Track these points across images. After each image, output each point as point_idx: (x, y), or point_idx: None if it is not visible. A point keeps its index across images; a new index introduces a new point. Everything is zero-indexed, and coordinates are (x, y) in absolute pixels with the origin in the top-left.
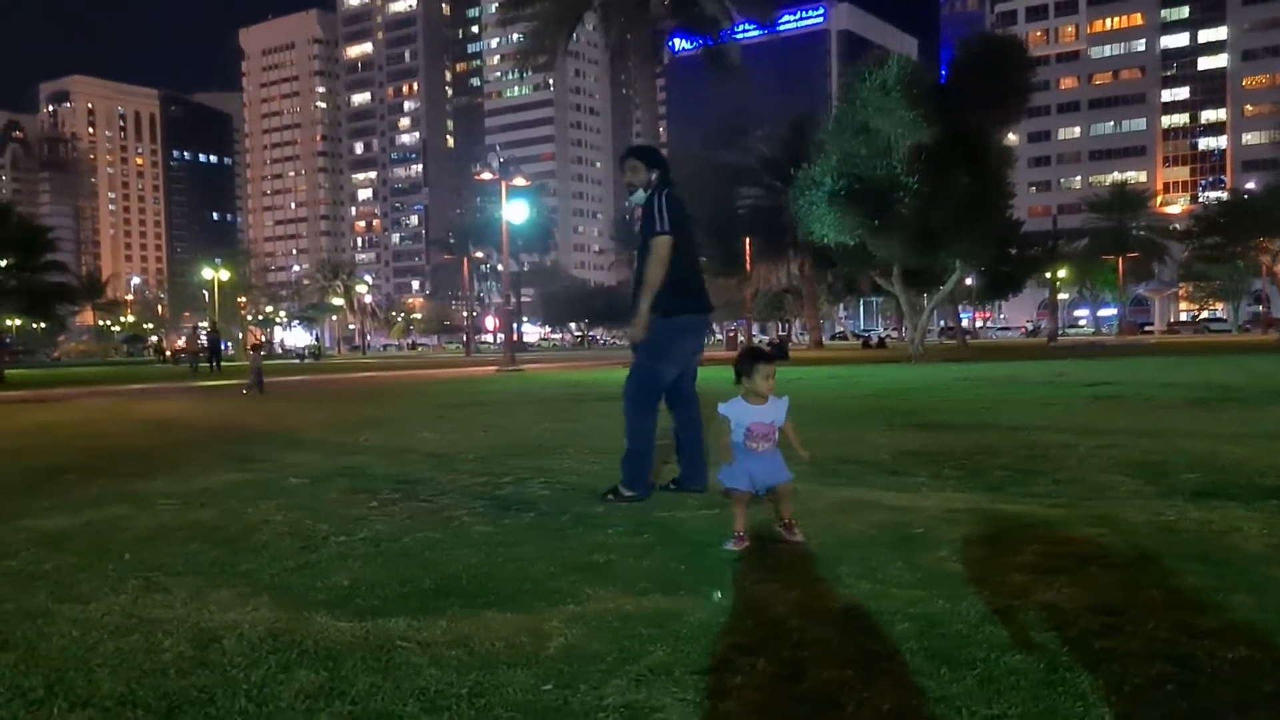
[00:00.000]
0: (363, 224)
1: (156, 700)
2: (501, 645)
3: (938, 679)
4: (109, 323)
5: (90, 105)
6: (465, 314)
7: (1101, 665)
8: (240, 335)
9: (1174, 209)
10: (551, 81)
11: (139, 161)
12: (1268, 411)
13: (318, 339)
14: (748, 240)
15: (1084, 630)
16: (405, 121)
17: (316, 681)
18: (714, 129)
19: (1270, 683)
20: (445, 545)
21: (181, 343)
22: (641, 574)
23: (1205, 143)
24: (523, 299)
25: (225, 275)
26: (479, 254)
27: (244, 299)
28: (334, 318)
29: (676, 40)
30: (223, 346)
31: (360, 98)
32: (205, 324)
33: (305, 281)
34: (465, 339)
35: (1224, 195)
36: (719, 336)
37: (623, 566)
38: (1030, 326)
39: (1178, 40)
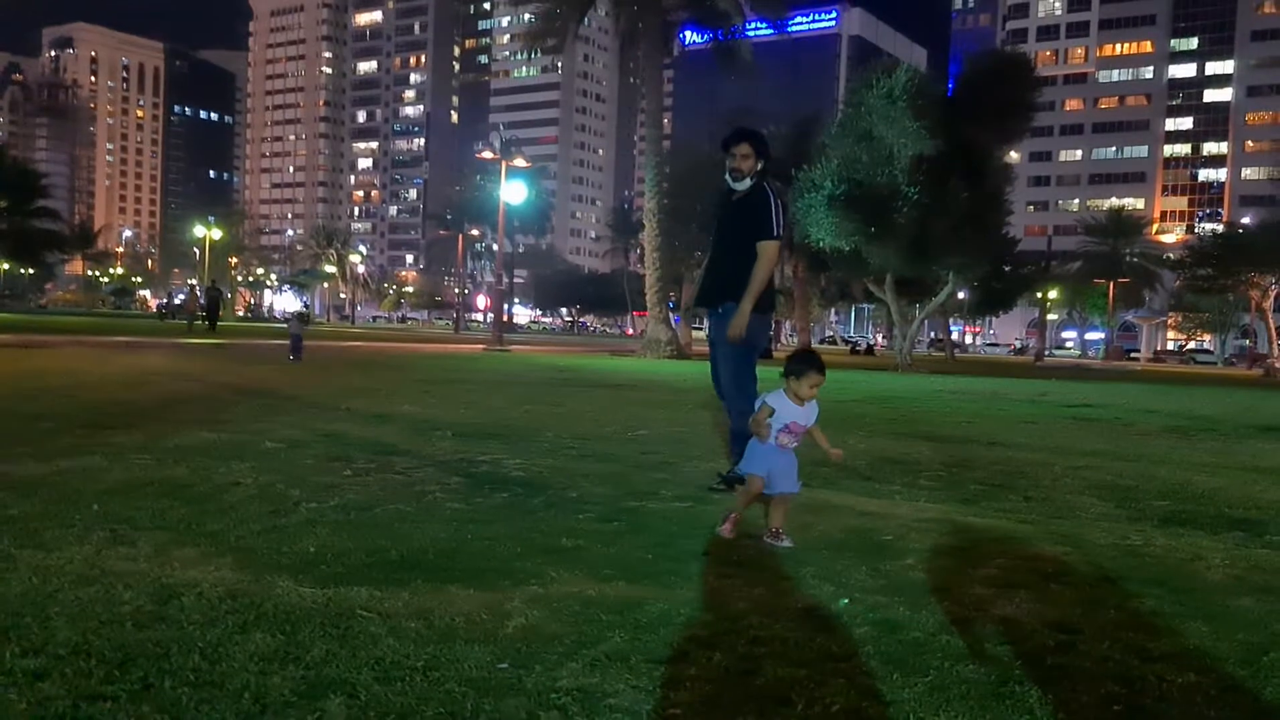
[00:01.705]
0: (361, 193)
1: (111, 651)
2: (461, 621)
3: (890, 683)
4: (98, 274)
5: (94, 54)
6: (457, 291)
7: (1052, 682)
8: (227, 296)
9: (1169, 238)
10: (560, 65)
11: (139, 114)
12: (1244, 444)
13: (307, 305)
14: None
15: (1039, 646)
16: (410, 94)
17: (272, 644)
18: (719, 124)
19: (1216, 710)
20: (415, 519)
21: (180, 299)
22: (608, 560)
23: (1205, 174)
24: (515, 280)
25: (218, 234)
26: (475, 232)
27: (235, 259)
28: (325, 285)
29: (688, 33)
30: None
31: (366, 66)
32: (195, 282)
33: (299, 247)
34: (455, 316)
35: (1220, 228)
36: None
37: (590, 552)
38: (1018, 344)
39: (1185, 70)
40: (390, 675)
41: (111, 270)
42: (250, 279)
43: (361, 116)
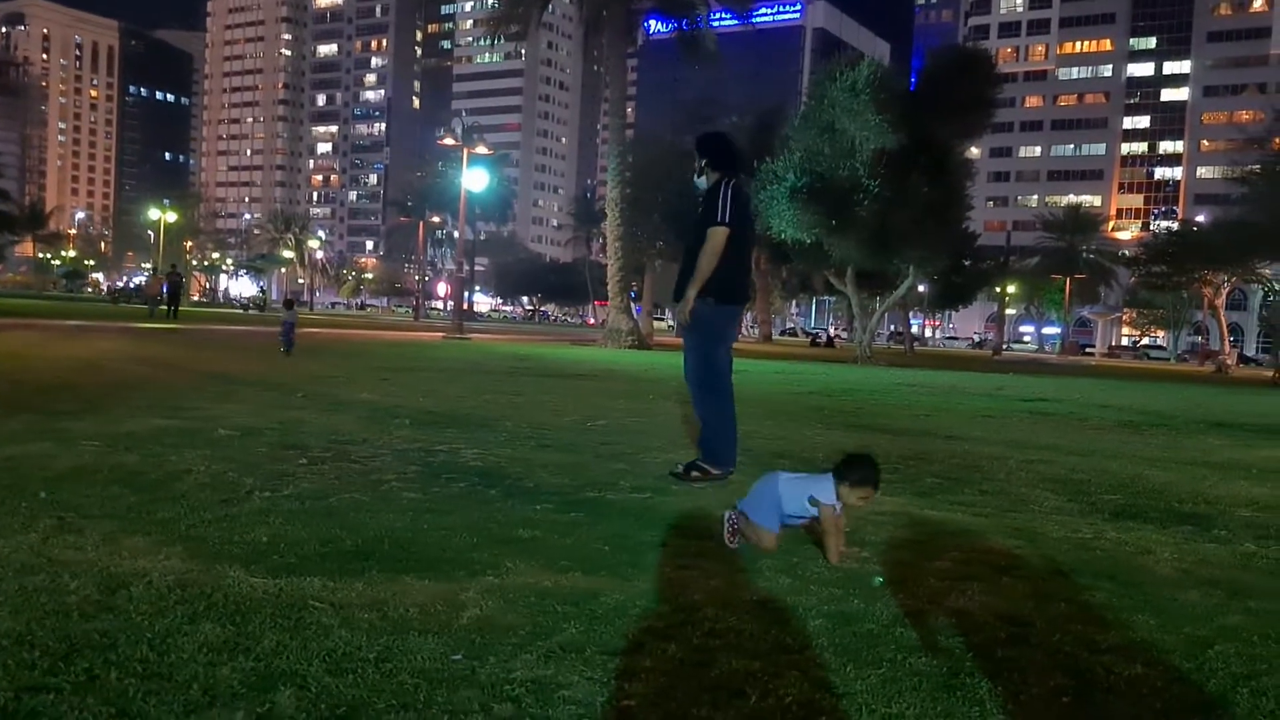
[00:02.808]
0: (320, 178)
1: (56, 642)
2: (416, 612)
3: (843, 675)
4: (49, 256)
5: (46, 31)
6: (417, 278)
7: (1003, 673)
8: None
9: (1125, 235)
10: (523, 52)
11: (93, 94)
12: (1194, 439)
13: (264, 290)
14: None
15: (990, 638)
16: (371, 78)
17: (222, 635)
18: (682, 114)
19: (1161, 700)
20: (371, 508)
21: (138, 282)
22: (564, 551)
23: (1161, 172)
24: (476, 268)
25: (173, 217)
26: (436, 219)
27: (190, 243)
28: (283, 270)
29: (652, 22)
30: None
31: (326, 49)
32: (155, 266)
33: (256, 231)
34: (415, 303)
35: (1174, 226)
36: (670, 322)
37: (547, 543)
38: (977, 338)
39: (1143, 69)
40: (342, 667)
41: (63, 253)
42: (206, 263)
43: (321, 100)
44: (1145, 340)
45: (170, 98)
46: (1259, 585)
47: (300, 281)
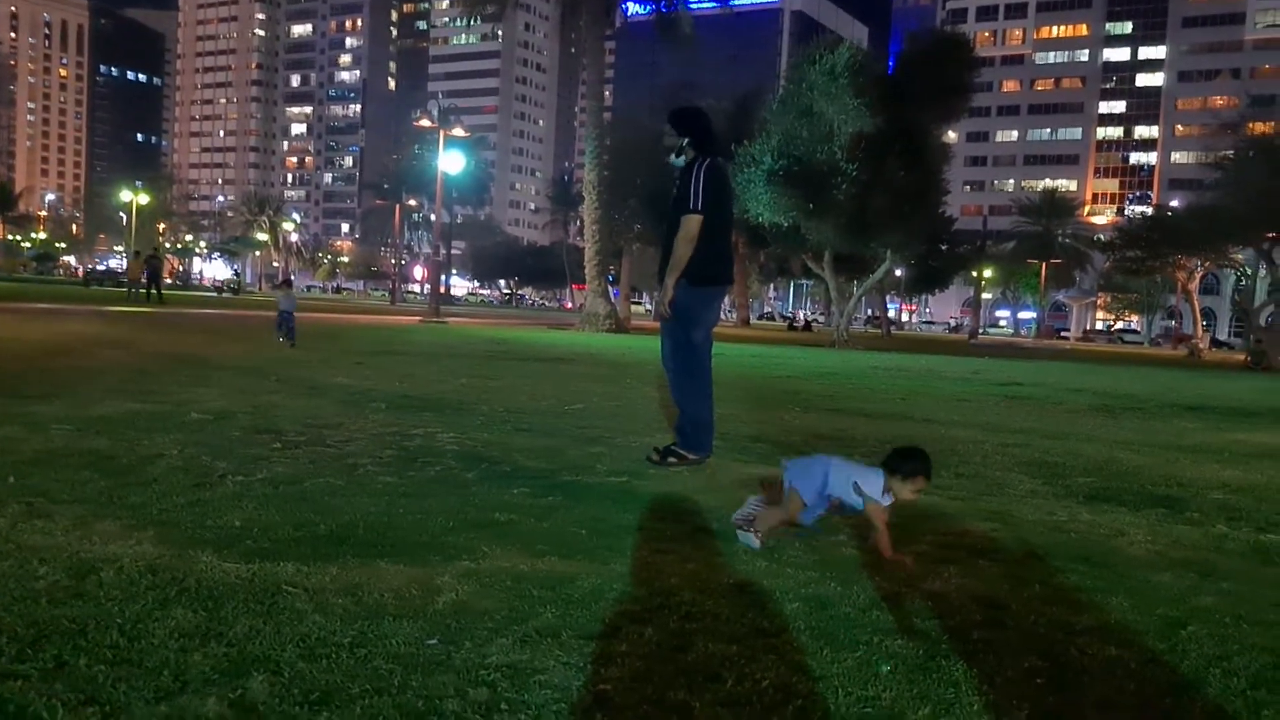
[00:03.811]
0: (294, 160)
1: (24, 629)
2: (390, 597)
3: (820, 659)
4: (18, 238)
5: (14, 9)
6: (393, 261)
7: (978, 655)
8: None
9: (1100, 219)
10: (500, 33)
11: (63, 73)
12: (1167, 422)
13: (238, 273)
14: None
15: (966, 621)
16: (346, 58)
17: (194, 621)
18: (660, 97)
19: (1135, 682)
20: (346, 492)
21: (106, 266)
22: (541, 535)
23: (1136, 157)
24: (453, 251)
25: (145, 199)
26: (412, 202)
27: (164, 225)
28: (257, 253)
29: (630, 4)
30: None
31: (301, 29)
32: (138, 249)
33: (229, 213)
34: (391, 287)
35: (1149, 211)
36: (648, 306)
37: (523, 527)
38: (953, 322)
39: (1119, 54)
40: (316, 652)
41: (33, 235)
42: (179, 246)
43: (295, 80)
44: (1119, 324)
45: (142, 78)
46: (1231, 567)
47: (275, 265)
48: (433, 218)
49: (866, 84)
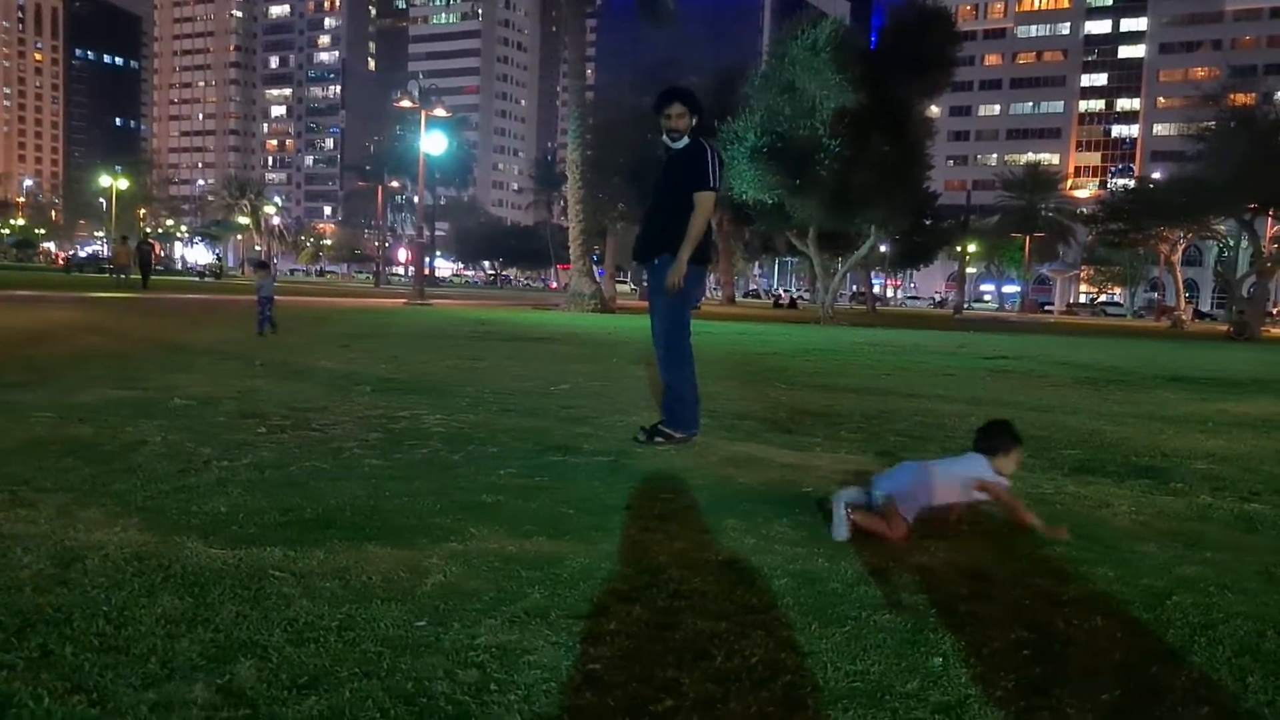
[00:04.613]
0: (274, 142)
1: (9, 617)
2: (378, 580)
3: (808, 634)
4: None
5: None
6: (377, 244)
7: (965, 628)
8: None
9: (1083, 193)
10: (480, 12)
11: (38, 57)
12: (1150, 394)
13: (220, 258)
14: None
15: (953, 594)
16: (325, 39)
17: (180, 607)
18: (642, 75)
19: (1120, 651)
20: (332, 476)
21: (94, 248)
22: (528, 516)
23: (1118, 130)
24: (437, 233)
25: (125, 184)
26: (394, 183)
27: (144, 210)
28: (239, 237)
29: None
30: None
31: (279, 9)
32: (127, 235)
33: (210, 197)
34: (375, 269)
35: (1131, 183)
36: (633, 285)
37: (510, 507)
38: (938, 297)
39: (1100, 26)
40: (304, 636)
41: (12, 221)
42: (160, 230)
43: (274, 62)
44: (1103, 297)
45: (119, 61)
46: (1215, 536)
47: (257, 248)
48: (416, 199)
49: (849, 59)
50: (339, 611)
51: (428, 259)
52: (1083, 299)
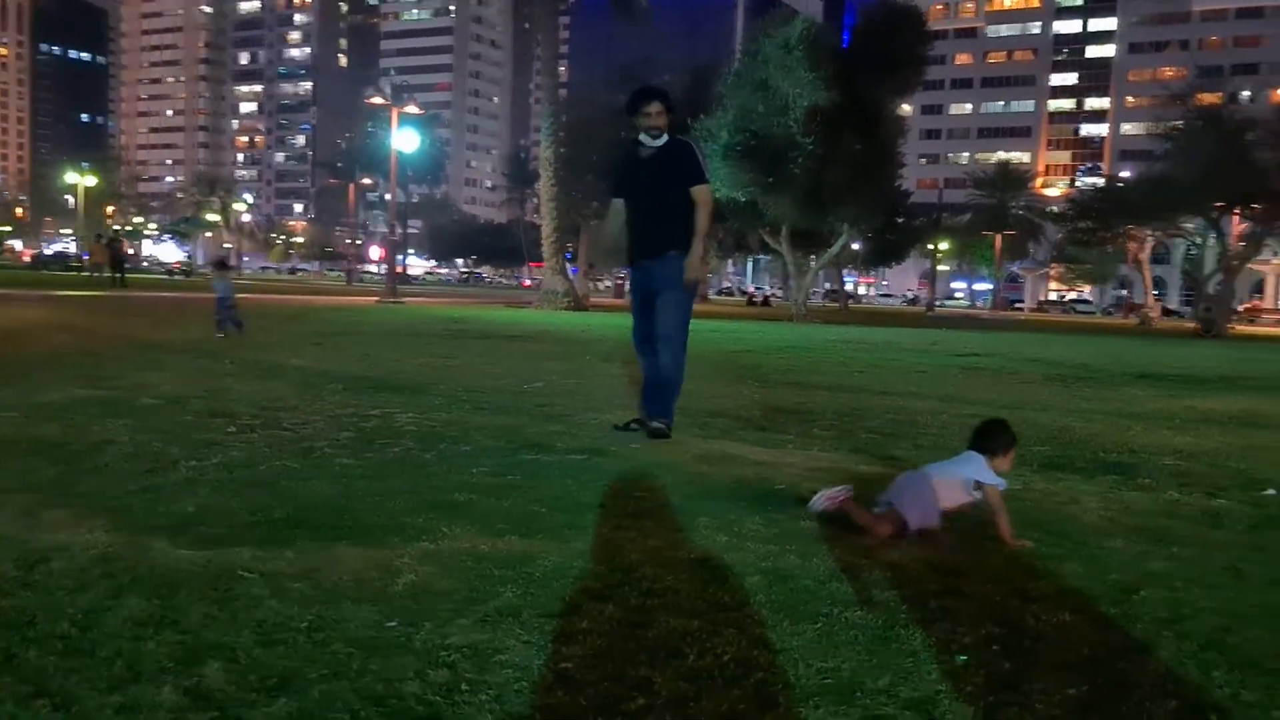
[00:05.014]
0: (245, 139)
1: None
2: (349, 580)
3: (780, 631)
4: None
5: None
6: (349, 241)
7: (936, 624)
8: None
9: (1053, 191)
10: (452, 9)
11: (3, 52)
12: (1119, 391)
13: (190, 256)
14: None
15: (923, 590)
16: (295, 35)
17: (147, 609)
18: (616, 73)
19: (1088, 646)
20: (302, 475)
21: (60, 246)
22: (501, 515)
23: (1087, 129)
24: (410, 231)
25: (93, 181)
26: (366, 181)
27: (112, 207)
28: (208, 235)
29: None
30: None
31: (249, 5)
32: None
33: (179, 194)
34: (347, 267)
35: (1100, 182)
36: (608, 284)
37: (483, 506)
38: (910, 295)
39: (1070, 26)
40: (273, 638)
41: None
42: (129, 228)
43: (244, 58)
44: (1072, 295)
45: (86, 56)
46: (1182, 532)
47: (227, 246)
48: (388, 196)
49: (821, 57)
50: (308, 612)
51: (400, 257)
52: (1053, 296)
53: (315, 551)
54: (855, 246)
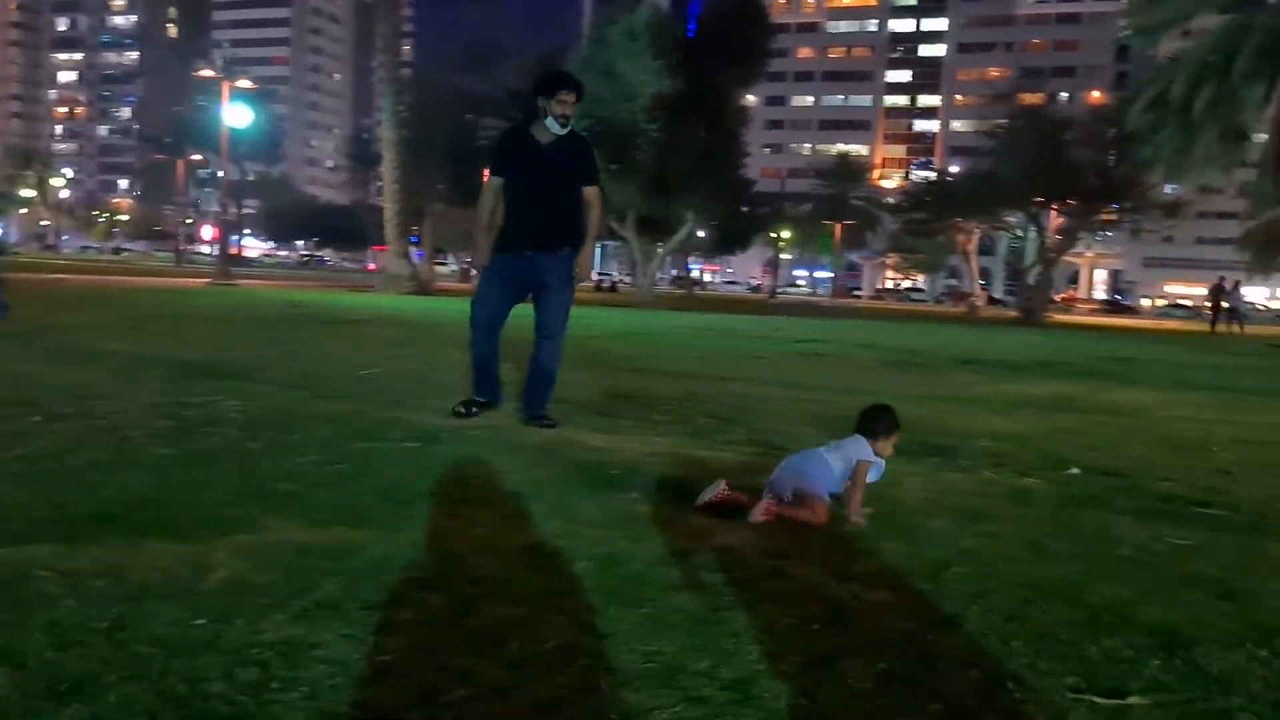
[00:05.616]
0: (64, 110)
1: None
2: (157, 576)
3: (607, 617)
4: None
5: None
6: (179, 221)
7: (760, 605)
8: None
9: (889, 184)
10: None
11: None
12: (946, 376)
13: (3, 235)
14: (486, 172)
15: (751, 573)
16: (120, 2)
17: None
18: (461, 54)
19: (905, 621)
20: (113, 467)
21: None
22: (328, 505)
23: (920, 125)
24: (245, 211)
25: None
26: (197, 157)
27: None
28: (23, 211)
29: None
30: None
31: None
32: None
33: None
34: (176, 248)
35: (932, 176)
36: (454, 267)
37: (309, 496)
38: (754, 282)
39: (904, 25)
40: (68, 640)
41: None
42: None
43: (63, 24)
44: (907, 284)
45: None
46: (994, 510)
47: (44, 224)
48: (221, 174)
49: (666, 45)
50: (110, 612)
51: (235, 237)
52: (889, 285)
53: (122, 548)
54: (701, 234)
